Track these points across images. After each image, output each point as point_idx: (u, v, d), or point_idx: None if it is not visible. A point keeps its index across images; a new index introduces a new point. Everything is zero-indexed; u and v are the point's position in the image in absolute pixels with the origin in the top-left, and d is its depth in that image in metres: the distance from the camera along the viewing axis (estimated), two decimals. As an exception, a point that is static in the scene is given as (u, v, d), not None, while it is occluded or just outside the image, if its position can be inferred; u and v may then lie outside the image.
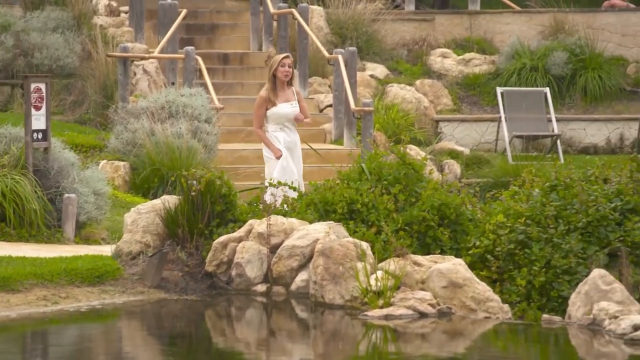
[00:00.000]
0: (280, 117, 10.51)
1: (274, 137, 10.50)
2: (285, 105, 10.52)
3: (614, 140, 16.05)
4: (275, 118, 10.52)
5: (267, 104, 10.51)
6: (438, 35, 17.54)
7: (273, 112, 10.50)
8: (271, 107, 10.51)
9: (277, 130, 10.52)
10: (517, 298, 8.25)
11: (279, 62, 10.50)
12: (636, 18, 17.28)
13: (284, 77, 10.50)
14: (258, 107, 10.55)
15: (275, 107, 10.50)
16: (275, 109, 10.50)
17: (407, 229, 8.73)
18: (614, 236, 8.37)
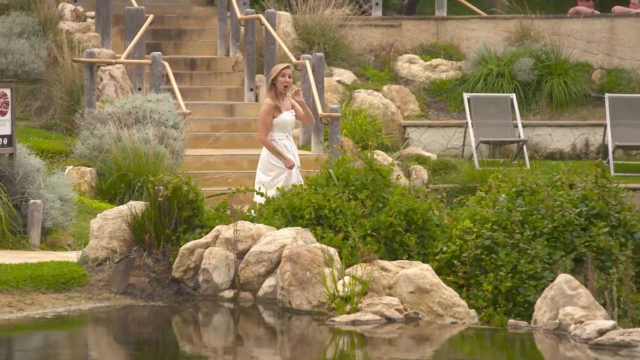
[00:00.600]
0: (285, 125, 10.48)
1: (282, 146, 10.45)
2: (288, 113, 10.51)
3: (580, 145, 16.15)
4: (281, 126, 10.46)
5: (274, 111, 10.44)
6: (405, 41, 17.59)
7: (280, 119, 10.45)
8: (278, 115, 10.45)
9: (283, 139, 10.49)
10: (483, 303, 8.28)
11: (279, 72, 10.44)
12: (601, 24, 17.40)
13: (282, 88, 10.45)
14: (266, 115, 10.44)
15: (281, 114, 10.45)
16: (282, 117, 10.46)
17: (374, 235, 8.75)
18: (580, 241, 8.42)
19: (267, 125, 10.44)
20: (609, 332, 7.06)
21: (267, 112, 10.43)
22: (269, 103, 10.46)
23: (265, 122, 10.43)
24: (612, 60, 17.24)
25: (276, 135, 10.47)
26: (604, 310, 7.44)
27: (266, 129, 10.44)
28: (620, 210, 8.67)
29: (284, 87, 10.45)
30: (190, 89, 15.58)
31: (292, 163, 10.37)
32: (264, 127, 10.44)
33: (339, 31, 16.95)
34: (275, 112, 10.43)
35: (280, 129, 10.47)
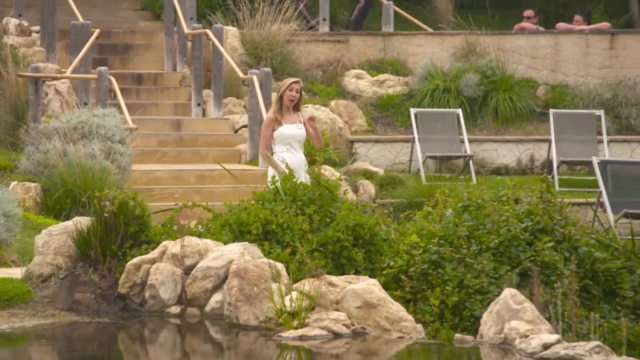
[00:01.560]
0: (287, 138, 10.51)
1: (280, 159, 10.47)
2: (291, 126, 10.54)
3: (525, 161, 16.29)
4: (282, 139, 10.52)
5: (274, 124, 10.50)
6: (352, 56, 17.65)
7: (280, 132, 10.50)
8: (278, 128, 10.50)
9: (283, 152, 10.53)
10: (430, 318, 8.31)
11: (287, 86, 10.51)
12: (545, 41, 17.58)
13: (288, 102, 10.51)
14: (265, 128, 10.55)
15: (281, 127, 10.50)
16: (281, 129, 10.50)
17: (321, 250, 8.75)
18: (525, 256, 8.48)
19: (266, 139, 10.55)
20: (553, 346, 7.11)
21: (266, 125, 10.56)
22: (269, 116, 10.60)
23: (265, 135, 10.55)
24: (556, 76, 17.43)
25: (277, 148, 10.55)
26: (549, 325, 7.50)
27: (265, 142, 10.56)
28: (564, 225, 8.75)
29: (290, 101, 10.52)
30: (137, 103, 15.51)
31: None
32: (263, 141, 10.58)
33: (287, 46, 16.98)
34: (275, 125, 10.51)
35: (280, 142, 10.54)
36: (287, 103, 10.53)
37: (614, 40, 17.50)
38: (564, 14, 20.37)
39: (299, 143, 10.62)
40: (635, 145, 16.17)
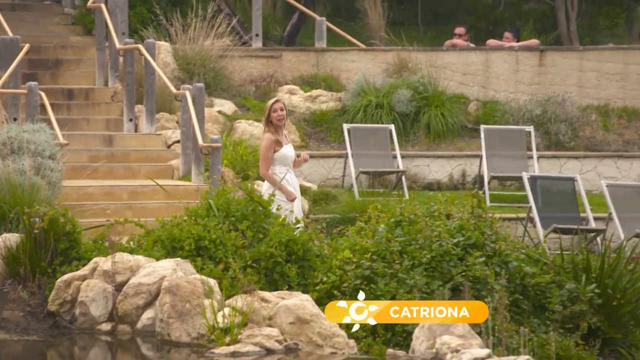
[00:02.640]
0: (286, 159, 10.74)
1: (285, 180, 10.61)
2: (288, 146, 10.82)
3: (457, 176, 16.41)
4: (282, 160, 10.71)
5: (275, 146, 10.69)
6: (285, 72, 17.67)
7: (282, 153, 10.71)
8: (279, 149, 10.70)
9: (284, 172, 10.69)
10: (363, 333, 8.33)
11: (271, 108, 10.77)
12: (476, 57, 17.76)
13: (277, 122, 10.74)
14: (267, 150, 10.68)
15: (282, 148, 10.72)
16: (283, 151, 10.72)
17: (254, 266, 8.74)
18: (457, 271, 8.55)
19: (268, 160, 10.69)
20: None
21: (268, 147, 10.69)
22: (270, 138, 10.72)
23: (267, 156, 10.68)
24: (487, 92, 17.61)
25: (277, 169, 10.70)
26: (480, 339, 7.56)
27: (267, 164, 10.69)
28: (495, 240, 8.83)
29: (279, 120, 10.76)
30: (68, 119, 15.36)
31: (294, 196, 10.60)
32: (266, 162, 10.69)
33: (220, 62, 16.95)
34: (276, 146, 10.71)
35: (281, 163, 10.72)
36: (277, 123, 10.77)
37: (543, 57, 17.74)
38: (494, 30, 20.60)
39: (292, 163, 10.90)
40: (564, 161, 16.38)
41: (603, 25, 20.51)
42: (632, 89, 17.65)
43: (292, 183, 10.71)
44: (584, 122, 16.80)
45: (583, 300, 8.63)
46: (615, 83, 17.66)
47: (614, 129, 16.84)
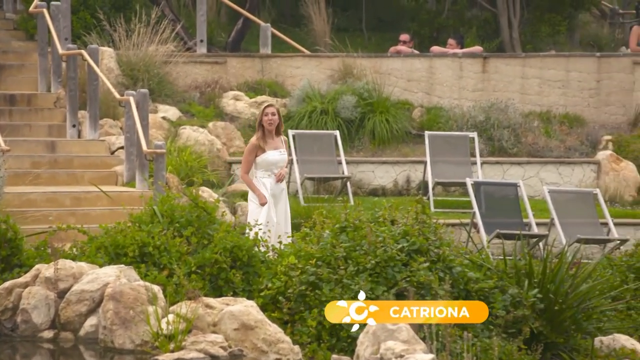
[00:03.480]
0: (269, 164, 11.00)
1: (261, 183, 10.94)
2: (274, 152, 11.05)
3: (401, 182, 16.48)
4: (264, 165, 11.00)
5: (257, 150, 11.01)
6: (230, 77, 17.64)
7: (262, 158, 10.99)
8: (261, 154, 10.98)
9: (265, 177, 11.00)
10: (307, 339, 8.34)
11: (262, 112, 11.09)
12: (420, 64, 17.86)
13: (268, 126, 11.03)
14: (248, 153, 11.05)
15: (264, 153, 10.99)
16: (265, 156, 10.99)
17: (199, 272, 8.71)
18: (401, 276, 8.58)
19: (248, 163, 11.04)
20: (429, 365, 7.20)
21: (250, 151, 11.05)
22: (253, 142, 11.08)
23: (247, 160, 11.04)
24: (431, 99, 17.71)
25: (259, 173, 11.03)
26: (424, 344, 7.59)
27: (247, 167, 11.05)
28: (439, 246, 8.88)
29: (269, 124, 11.02)
30: (9, 125, 15.21)
31: (264, 200, 10.82)
32: (245, 165, 11.07)
33: (164, 67, 16.88)
34: (259, 151, 11.00)
35: (262, 167, 11.02)
36: (267, 127, 11.05)
37: (486, 64, 17.89)
38: (438, 37, 20.73)
39: (280, 169, 11.12)
40: (507, 167, 16.52)
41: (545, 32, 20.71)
42: (573, 95, 17.85)
43: (269, 188, 10.95)
44: (526, 129, 16.96)
45: (525, 305, 8.71)
46: (557, 90, 17.85)
47: (556, 135, 17.02)
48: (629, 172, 16.50)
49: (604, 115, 17.81)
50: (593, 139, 17.00)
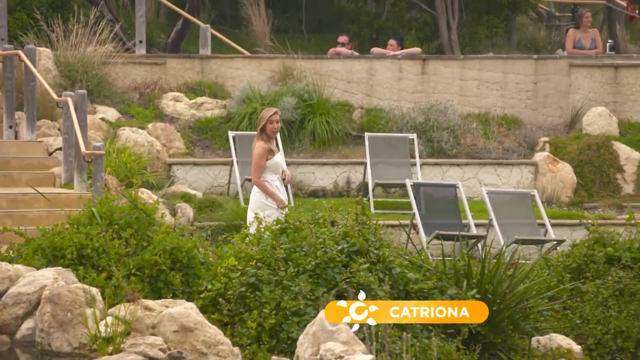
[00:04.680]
0: (278, 167, 11.07)
1: (274, 187, 10.99)
2: (279, 155, 11.20)
3: (342, 183, 16.53)
4: (274, 168, 11.06)
5: (267, 154, 11.05)
6: (170, 79, 17.57)
7: (273, 162, 11.05)
8: (271, 157, 11.01)
9: (274, 180, 11.05)
10: (247, 340, 8.33)
11: (268, 119, 11.07)
12: (360, 65, 17.93)
13: (271, 133, 11.11)
14: (260, 158, 11.02)
15: (274, 157, 11.05)
16: (275, 159, 11.08)
17: (138, 274, 8.66)
18: (341, 277, 8.60)
19: (261, 168, 11.03)
20: (368, 365, 7.22)
21: (262, 155, 11.01)
22: (263, 146, 11.05)
23: (260, 165, 11.01)
24: (371, 100, 17.78)
25: (269, 177, 11.06)
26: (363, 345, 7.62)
27: (260, 172, 11.03)
28: (379, 247, 8.92)
29: (273, 132, 11.11)
30: (-55, 125, 15.01)
31: (284, 204, 10.90)
32: (258, 170, 11.03)
33: (102, 68, 16.76)
34: (269, 154, 11.04)
35: (272, 171, 11.07)
36: (271, 134, 11.11)
37: (426, 66, 18.00)
38: (377, 39, 20.82)
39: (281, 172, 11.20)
40: (447, 168, 16.64)
41: (483, 34, 20.89)
42: (511, 97, 18.03)
43: (281, 190, 11.09)
44: (465, 130, 17.09)
45: (464, 305, 8.76)
46: (495, 92, 18.01)
47: (494, 136, 17.17)
48: (566, 174, 16.70)
49: (541, 117, 18.00)
50: (530, 141, 17.17)
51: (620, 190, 16.85)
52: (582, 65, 18.05)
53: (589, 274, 9.83)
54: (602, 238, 10.06)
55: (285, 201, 10.97)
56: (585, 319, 9.44)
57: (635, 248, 9.91)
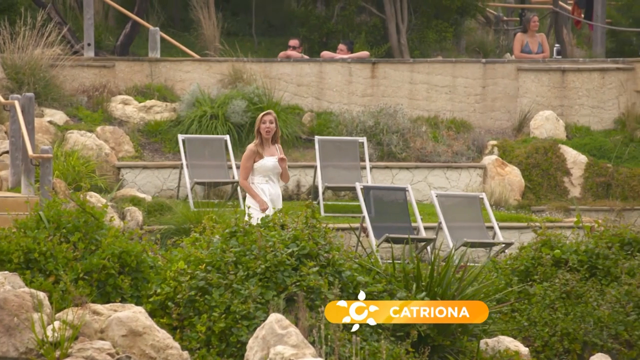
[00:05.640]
0: (267, 170, 11.23)
1: (260, 189, 11.18)
2: (271, 158, 11.25)
3: (292, 187, 16.53)
4: (262, 170, 11.23)
5: (255, 156, 11.28)
6: (119, 82, 17.48)
7: (260, 164, 11.23)
8: (259, 160, 11.20)
9: (262, 183, 11.24)
10: (197, 344, 8.31)
11: (261, 120, 11.37)
12: (310, 69, 17.95)
13: (265, 134, 11.32)
14: (247, 159, 11.32)
15: (262, 159, 11.20)
16: (263, 162, 11.23)
17: (86, 278, 8.61)
18: (291, 281, 8.60)
19: (246, 169, 11.31)
20: (318, 368, 7.23)
21: (248, 157, 11.31)
22: (251, 149, 11.35)
23: (245, 166, 11.31)
24: (321, 104, 17.81)
25: (257, 179, 11.30)
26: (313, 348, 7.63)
27: (246, 173, 11.32)
28: (329, 250, 8.93)
29: (267, 132, 11.29)
30: None
31: (265, 206, 11.08)
32: (244, 171, 11.33)
33: (50, 71, 16.64)
34: (257, 157, 11.28)
35: (260, 173, 11.27)
36: (264, 135, 11.32)
37: (375, 69, 18.06)
38: (327, 42, 20.86)
39: (277, 175, 11.36)
40: (396, 171, 16.71)
41: (432, 38, 21.01)
42: (460, 101, 18.14)
43: (269, 193, 11.20)
44: (415, 134, 17.17)
45: (414, 308, 8.80)
46: (444, 95, 18.12)
47: (444, 140, 17.27)
48: (514, 177, 16.83)
49: (489, 121, 18.13)
50: (479, 144, 17.29)
51: (567, 193, 17.02)
52: (530, 69, 18.21)
53: (537, 277, 9.91)
54: (550, 241, 10.15)
55: (266, 204, 11.11)
56: (533, 322, 9.52)
57: (582, 251, 10.01)
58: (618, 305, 9.49)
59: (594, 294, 9.58)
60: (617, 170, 17.11)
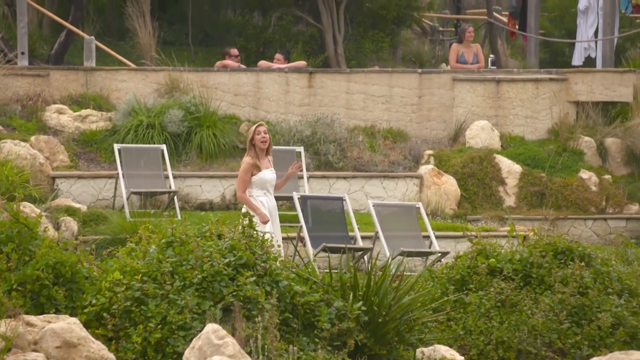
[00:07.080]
0: (264, 183, 11.21)
1: (259, 202, 11.13)
2: (268, 171, 11.26)
3: (229, 196, 16.50)
4: (260, 183, 11.21)
5: (253, 169, 11.23)
6: (54, 91, 17.33)
7: (259, 177, 11.22)
8: (257, 173, 11.17)
9: (261, 196, 11.22)
10: (132, 355, 8.25)
11: (255, 131, 11.36)
12: (247, 78, 17.94)
13: (261, 144, 11.34)
14: (245, 173, 11.31)
15: (260, 172, 11.18)
16: (261, 175, 11.22)
17: (20, 289, 8.51)
18: (228, 291, 8.58)
19: (245, 183, 11.30)
20: (255, 379, 7.22)
21: (246, 170, 11.29)
22: (248, 162, 11.32)
23: (244, 179, 11.29)
24: (258, 113, 17.80)
25: (254, 192, 11.31)
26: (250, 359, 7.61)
27: (244, 186, 11.30)
28: (266, 260, 8.92)
29: (262, 143, 11.33)
30: None
31: (266, 219, 11.13)
32: (242, 185, 11.30)
33: (-16, 80, 16.46)
34: (254, 170, 11.29)
35: (258, 186, 11.25)
36: (260, 146, 11.35)
37: (312, 79, 18.10)
38: (264, 52, 20.87)
39: (272, 187, 11.35)
40: (334, 181, 16.75)
41: (369, 48, 21.12)
42: (396, 111, 18.24)
43: (267, 206, 11.20)
44: (352, 143, 17.24)
45: (350, 317, 8.83)
46: (381, 105, 18.21)
47: (380, 149, 17.35)
48: (450, 186, 16.96)
49: (425, 131, 18.25)
50: (416, 154, 17.40)
51: (502, 202, 17.18)
52: (465, 79, 18.37)
53: (472, 286, 9.98)
54: (485, 250, 10.24)
55: (267, 217, 11.13)
56: (468, 330, 9.59)
57: (517, 260, 10.11)
58: (552, 314, 9.59)
59: (528, 302, 9.67)
60: (550, 180, 17.32)
